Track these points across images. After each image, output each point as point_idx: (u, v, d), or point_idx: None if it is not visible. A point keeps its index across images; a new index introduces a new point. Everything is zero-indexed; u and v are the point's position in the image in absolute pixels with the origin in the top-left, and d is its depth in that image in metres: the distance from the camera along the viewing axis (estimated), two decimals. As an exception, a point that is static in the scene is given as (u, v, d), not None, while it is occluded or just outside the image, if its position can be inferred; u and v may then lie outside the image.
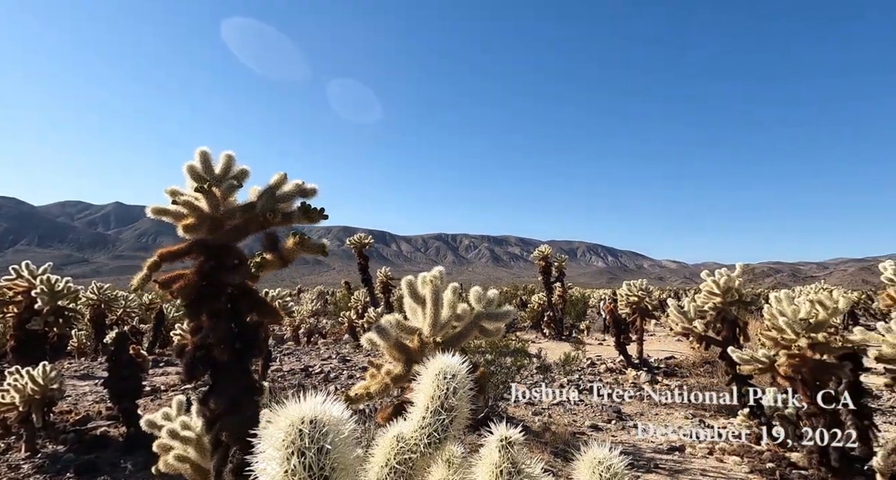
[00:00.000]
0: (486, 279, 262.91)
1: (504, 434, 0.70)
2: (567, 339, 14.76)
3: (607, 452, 0.75)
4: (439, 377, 0.73)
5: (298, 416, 0.54)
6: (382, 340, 2.27)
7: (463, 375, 0.74)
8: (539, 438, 5.71)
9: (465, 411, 0.73)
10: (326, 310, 25.30)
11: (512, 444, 0.69)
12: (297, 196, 2.19)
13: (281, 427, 0.54)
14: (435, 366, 0.75)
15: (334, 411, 0.56)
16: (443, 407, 0.71)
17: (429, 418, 0.71)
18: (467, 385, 0.74)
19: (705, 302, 6.34)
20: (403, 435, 0.71)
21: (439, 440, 0.69)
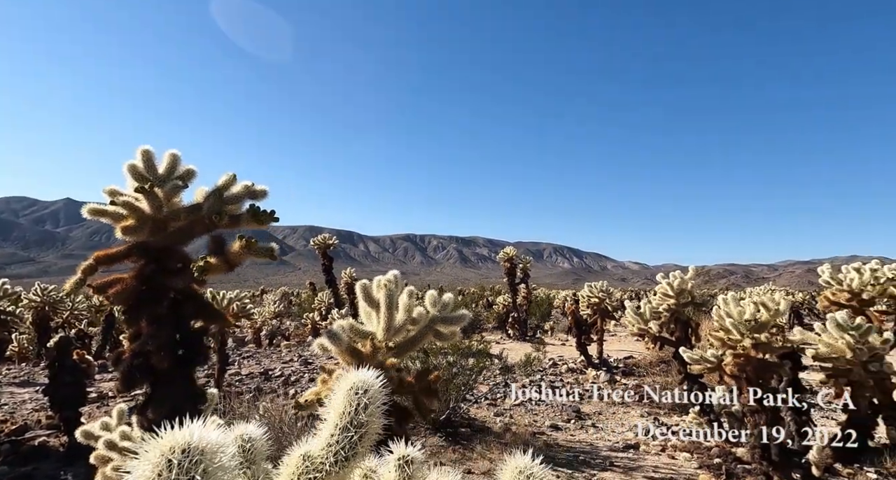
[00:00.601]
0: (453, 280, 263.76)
1: (403, 453, 0.69)
2: (531, 340, 14.96)
3: (528, 460, 0.76)
4: (351, 392, 0.72)
5: (169, 445, 0.51)
6: (334, 345, 2.23)
7: (376, 390, 0.73)
8: (500, 439, 5.76)
9: (375, 427, 0.72)
10: (290, 312, 24.78)
11: (411, 462, 0.68)
12: (245, 198, 2.13)
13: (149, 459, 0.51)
14: (347, 381, 0.74)
15: (212, 437, 0.53)
16: (352, 424, 0.69)
17: (337, 435, 0.69)
18: (380, 400, 0.73)
19: (660, 303, 6.54)
20: (310, 454, 0.69)
21: (347, 458, 0.67)
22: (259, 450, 0.70)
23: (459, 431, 6.01)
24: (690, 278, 6.61)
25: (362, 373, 0.74)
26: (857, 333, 4.11)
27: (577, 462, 5.14)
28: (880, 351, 4.13)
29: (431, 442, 5.66)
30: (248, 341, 15.08)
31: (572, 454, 5.37)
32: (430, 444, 5.61)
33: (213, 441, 0.51)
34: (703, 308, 6.74)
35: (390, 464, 0.69)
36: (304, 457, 0.68)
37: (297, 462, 0.68)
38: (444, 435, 5.85)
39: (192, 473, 0.49)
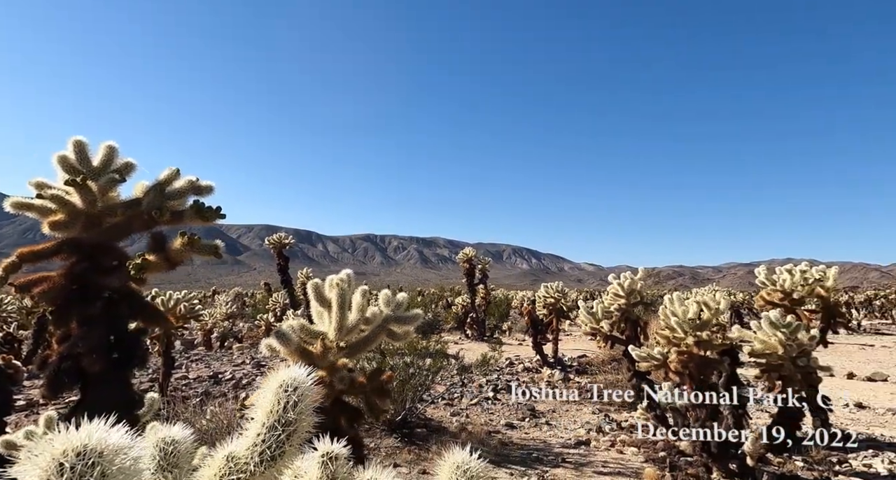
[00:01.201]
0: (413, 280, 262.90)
1: (327, 450, 0.68)
2: (489, 340, 15.12)
3: (467, 455, 0.76)
4: (280, 390, 0.70)
5: (63, 447, 0.47)
6: (283, 346, 2.17)
7: (306, 387, 0.71)
8: (456, 438, 5.78)
9: (305, 425, 0.71)
10: (244, 313, 23.98)
11: (335, 459, 0.67)
12: (189, 193, 2.04)
13: (38, 463, 0.47)
14: (277, 379, 0.72)
15: (112, 438, 0.50)
16: (280, 423, 0.67)
17: (264, 434, 0.67)
18: (311, 397, 0.72)
19: (611, 303, 6.76)
20: (235, 455, 0.67)
21: (273, 458, 0.65)
22: (183, 453, 0.67)
23: (416, 431, 5.99)
24: (640, 279, 6.88)
25: (293, 370, 0.72)
26: (787, 330, 4.39)
27: (530, 459, 5.23)
28: (808, 347, 4.43)
29: (387, 443, 5.62)
30: (198, 343, 14.46)
31: (526, 451, 5.46)
32: (386, 445, 5.57)
33: (114, 442, 0.48)
34: (651, 307, 7.02)
35: (314, 461, 0.67)
36: (229, 458, 0.65)
37: (220, 463, 0.65)
38: (400, 436, 5.81)
39: (86, 477, 0.45)
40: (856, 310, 23.19)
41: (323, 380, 2.26)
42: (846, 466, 4.77)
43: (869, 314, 26.41)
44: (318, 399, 0.72)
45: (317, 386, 2.09)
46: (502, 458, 5.25)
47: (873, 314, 27.11)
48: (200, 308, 7.46)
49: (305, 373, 0.73)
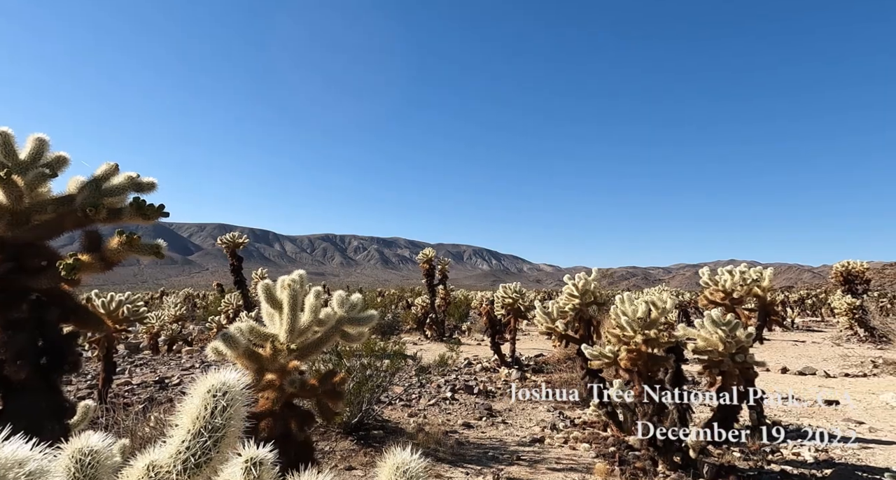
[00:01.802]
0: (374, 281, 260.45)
1: (252, 455, 0.67)
2: (448, 340, 15.18)
3: (407, 456, 0.77)
4: (208, 395, 0.68)
5: None
6: (230, 349, 2.10)
7: (237, 391, 0.69)
8: (413, 439, 5.77)
9: (234, 430, 0.69)
10: (194, 315, 23.06)
11: (259, 464, 0.66)
12: (129, 190, 1.93)
13: None
14: (205, 383, 0.70)
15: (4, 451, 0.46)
16: (206, 428, 0.65)
17: (189, 441, 0.65)
18: (241, 401, 0.70)
19: (566, 303, 6.92)
20: (156, 463, 0.64)
21: (198, 465, 0.63)
22: (103, 464, 0.63)
23: (372, 433, 5.94)
24: (593, 279, 7.08)
25: (222, 374, 0.70)
26: (727, 328, 4.65)
27: (486, 458, 5.29)
28: (745, 343, 4.70)
29: (343, 446, 5.53)
30: (144, 347, 13.77)
31: (482, 450, 5.51)
32: (342, 448, 5.48)
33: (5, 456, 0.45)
34: (604, 307, 7.23)
35: (237, 467, 0.65)
36: (150, 467, 0.63)
37: (139, 473, 0.62)
38: (357, 438, 5.74)
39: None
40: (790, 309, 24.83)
41: (273, 384, 2.20)
42: (778, 455, 5.09)
43: (802, 312, 28.31)
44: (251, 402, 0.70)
45: (266, 389, 2.03)
46: (458, 458, 5.28)
47: (805, 312, 29.09)
48: (146, 310, 7.09)
49: (237, 377, 0.70)
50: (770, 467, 4.78)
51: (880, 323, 13.35)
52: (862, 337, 15.44)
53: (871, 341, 14.76)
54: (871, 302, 15.61)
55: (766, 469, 4.71)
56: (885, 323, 12.71)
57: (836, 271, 16.82)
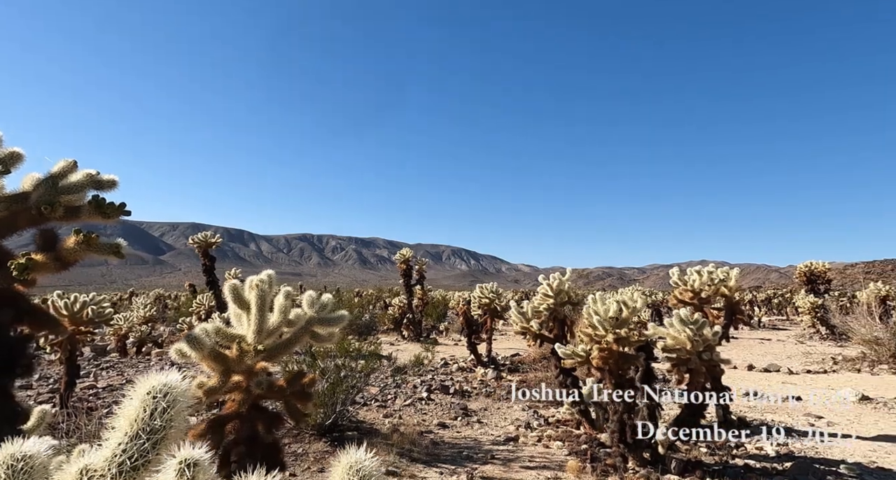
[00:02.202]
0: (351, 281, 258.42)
1: (186, 456, 0.66)
2: (425, 341, 15.17)
3: (361, 455, 0.76)
4: (148, 396, 0.67)
5: None
6: (195, 350, 2.05)
7: (179, 392, 0.68)
8: (387, 440, 5.74)
9: (175, 432, 0.67)
10: (165, 316, 22.49)
11: (194, 465, 0.65)
12: (88, 188, 1.87)
13: None
14: (146, 384, 0.68)
15: None
16: (144, 431, 0.64)
17: (125, 444, 0.63)
18: (183, 402, 0.69)
19: (541, 303, 7.00)
20: (91, 467, 0.62)
21: (134, 467, 0.62)
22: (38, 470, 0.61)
23: (346, 435, 5.89)
24: (567, 279, 7.18)
25: (164, 375, 0.68)
26: (695, 327, 4.77)
27: (460, 457, 5.30)
28: (712, 342, 4.83)
29: (316, 448, 5.47)
30: (111, 350, 13.36)
31: (457, 450, 5.53)
32: (315, 450, 5.42)
33: None
34: (578, 307, 7.34)
35: (170, 468, 0.64)
36: (83, 471, 0.61)
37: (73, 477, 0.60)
38: (330, 440, 5.69)
39: None
40: (758, 308, 25.63)
41: (239, 385, 2.16)
42: (742, 450, 5.26)
43: (768, 311, 29.27)
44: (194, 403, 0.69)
45: (232, 391, 2.00)
46: (433, 458, 5.28)
47: (772, 311, 30.08)
48: (112, 311, 6.88)
49: (179, 377, 0.69)
50: (734, 461, 4.93)
51: (840, 322, 13.90)
52: (823, 335, 16.07)
53: (832, 339, 15.37)
54: (832, 302, 16.26)
55: (730, 464, 4.85)
56: (844, 322, 13.24)
57: (800, 271, 17.47)
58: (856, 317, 12.35)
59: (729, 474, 4.52)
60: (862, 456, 5.01)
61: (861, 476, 4.47)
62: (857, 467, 4.69)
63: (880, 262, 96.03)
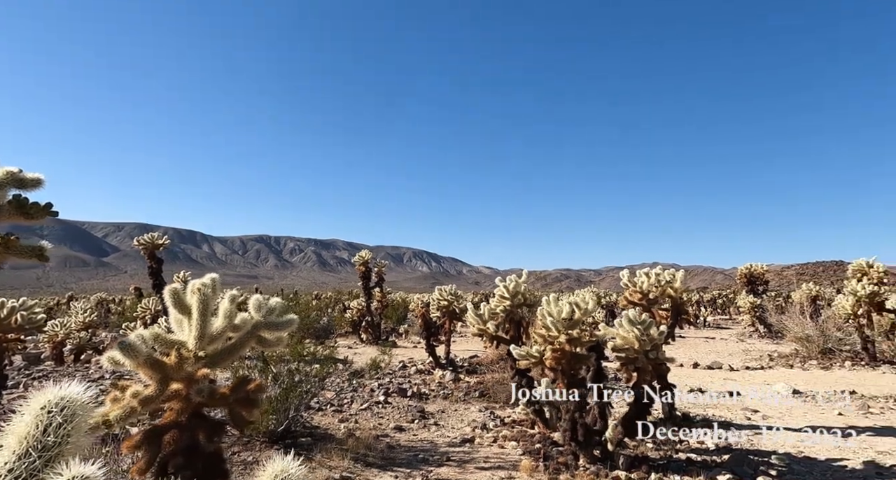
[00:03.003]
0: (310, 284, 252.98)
1: (76, 473, 0.63)
2: (384, 344, 15.05)
3: (287, 463, 0.75)
4: (42, 411, 0.63)
5: None
6: (129, 358, 1.95)
7: (78, 406, 0.65)
8: (342, 445, 5.65)
9: (72, 447, 0.64)
10: (108, 322, 21.29)
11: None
12: (9, 186, 1.75)
13: None
14: (40, 398, 0.65)
15: None
16: (35, 448, 0.61)
17: (13, 463, 0.60)
18: (82, 416, 0.66)
19: (497, 305, 7.09)
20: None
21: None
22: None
23: (299, 441, 5.75)
24: (524, 281, 7.31)
25: (61, 388, 0.65)
26: (642, 327, 4.96)
27: (416, 460, 5.29)
28: (658, 341, 5.04)
29: (266, 456, 5.31)
30: (46, 358, 12.50)
31: (413, 453, 5.51)
32: (266, 458, 5.26)
33: None
34: (534, 308, 7.48)
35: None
36: (-35, 494, 0.57)
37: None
38: (283, 447, 5.54)
39: None
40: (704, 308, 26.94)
41: (178, 393, 2.07)
42: (685, 444, 5.51)
43: (713, 311, 30.82)
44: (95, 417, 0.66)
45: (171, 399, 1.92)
46: (388, 462, 5.24)
47: (717, 311, 31.71)
48: (44, 317, 6.44)
49: (80, 390, 0.66)
50: (678, 455, 5.15)
51: (776, 321, 14.83)
52: (762, 333, 17.08)
53: (769, 337, 16.37)
54: (769, 302, 17.32)
55: (674, 458, 5.07)
56: (779, 321, 14.14)
57: (741, 273, 18.51)
58: (789, 316, 13.22)
59: (672, 468, 4.72)
60: (791, 447, 5.36)
61: (790, 466, 4.78)
62: (786, 457, 5.01)
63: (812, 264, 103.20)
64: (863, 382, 8.97)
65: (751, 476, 4.44)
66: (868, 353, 10.75)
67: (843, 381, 9.11)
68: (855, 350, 11.14)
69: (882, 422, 6.38)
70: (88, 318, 14.05)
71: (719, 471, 4.54)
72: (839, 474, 4.64)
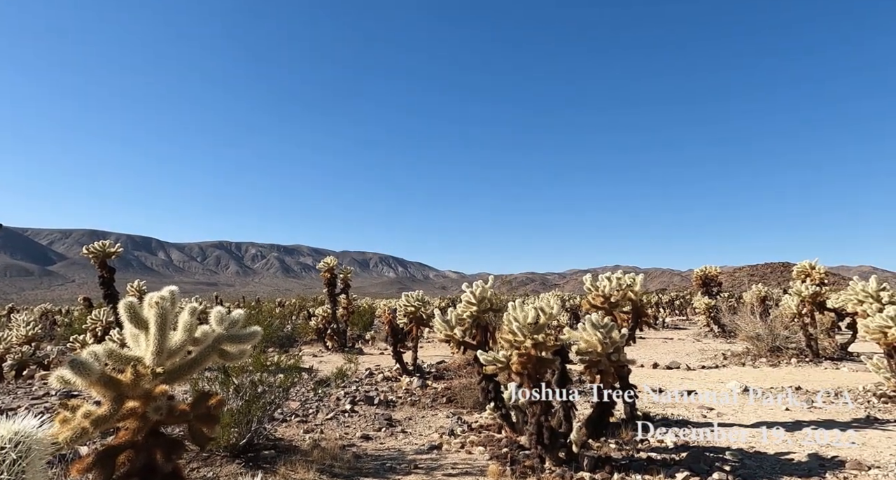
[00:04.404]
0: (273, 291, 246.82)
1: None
2: (349, 351, 14.85)
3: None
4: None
5: None
6: (80, 377, 1.85)
7: (34, 440, 0.63)
8: (307, 457, 5.53)
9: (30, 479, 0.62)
10: (53, 334, 20.09)
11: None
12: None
13: None
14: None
15: None
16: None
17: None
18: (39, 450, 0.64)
19: (464, 310, 7.13)
20: None
21: None
22: None
23: (262, 454, 5.59)
24: (490, 286, 7.38)
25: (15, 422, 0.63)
26: (604, 330, 5.10)
27: (383, 469, 5.24)
28: (619, 343, 5.19)
29: (228, 471, 5.14)
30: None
31: (380, 462, 5.46)
32: (227, 473, 5.09)
33: None
34: (500, 313, 7.56)
35: None
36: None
37: None
38: (245, 461, 5.37)
39: None
40: (662, 309, 27.91)
41: (135, 412, 1.98)
42: (646, 443, 5.69)
43: (671, 312, 31.97)
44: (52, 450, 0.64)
45: (126, 419, 1.85)
46: (355, 472, 5.17)
47: (675, 312, 32.89)
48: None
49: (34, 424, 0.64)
50: (639, 455, 5.31)
51: (729, 321, 15.53)
52: (716, 333, 17.85)
53: (723, 336, 17.13)
54: (723, 302, 18.13)
55: (636, 457, 5.23)
56: (732, 321, 14.81)
57: (696, 275, 19.31)
58: (741, 316, 13.87)
59: (634, 467, 4.87)
60: (744, 443, 5.62)
61: (742, 461, 5.02)
62: (739, 453, 5.25)
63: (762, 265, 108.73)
64: (807, 378, 9.52)
65: (706, 473, 4.63)
66: (812, 350, 11.41)
67: (789, 377, 9.63)
68: (800, 347, 11.80)
69: (824, 416, 6.79)
70: (32, 331, 13.22)
71: (677, 469, 4.71)
72: (787, 467, 4.90)
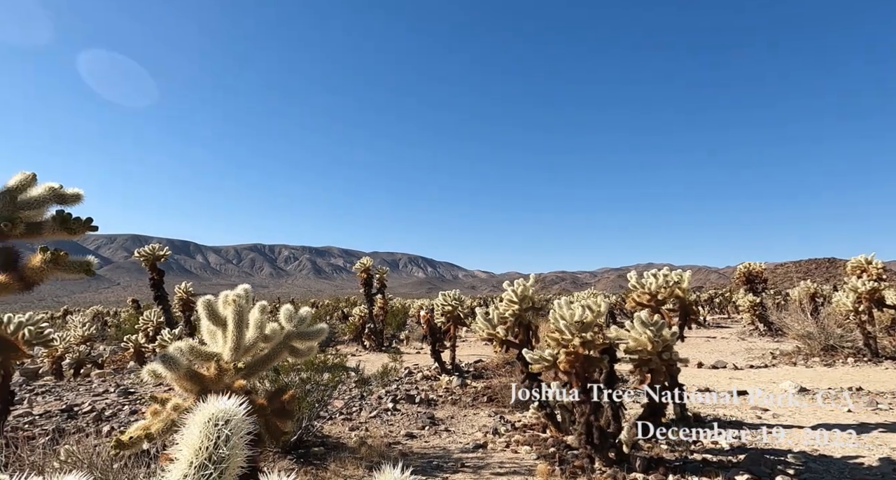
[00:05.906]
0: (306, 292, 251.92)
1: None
2: (387, 350, 15.01)
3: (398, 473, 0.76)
4: (209, 424, 0.64)
5: None
6: (170, 371, 1.94)
7: (239, 420, 0.66)
8: (354, 454, 5.63)
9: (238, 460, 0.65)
10: (105, 335, 21.10)
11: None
12: (51, 202, 1.74)
13: None
14: (205, 412, 0.66)
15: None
16: (210, 460, 0.62)
17: (192, 475, 0.61)
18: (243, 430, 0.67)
19: (506, 309, 7.10)
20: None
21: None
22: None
23: (312, 451, 5.72)
24: (531, 285, 7.33)
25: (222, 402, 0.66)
26: (654, 328, 4.99)
27: (430, 467, 5.27)
28: (670, 342, 5.07)
29: (281, 466, 5.28)
30: (45, 373, 12.37)
31: (426, 460, 5.49)
32: (280, 468, 5.22)
33: None
34: (541, 312, 7.50)
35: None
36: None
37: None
38: (296, 457, 5.51)
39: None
40: (702, 307, 27.07)
41: (216, 406, 2.07)
42: (699, 445, 5.52)
43: (711, 310, 30.95)
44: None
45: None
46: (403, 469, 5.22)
47: (714, 310, 31.85)
48: (51, 331, 6.39)
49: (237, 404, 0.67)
50: (693, 456, 5.17)
51: (776, 319, 14.92)
52: (762, 331, 17.17)
53: (770, 335, 16.46)
54: (769, 300, 17.43)
55: (689, 459, 5.08)
56: (780, 318, 14.22)
57: (740, 272, 18.61)
58: (790, 314, 13.30)
59: (689, 469, 4.73)
60: (806, 445, 5.38)
61: (806, 464, 4.81)
62: (802, 455, 5.04)
63: (805, 262, 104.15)
64: (867, 378, 9.04)
65: (768, 476, 4.46)
66: (870, 349, 10.84)
67: (847, 378, 9.17)
68: (857, 346, 11.22)
69: (892, 418, 6.43)
70: (87, 332, 13.94)
71: (737, 471, 4.56)
72: (857, 472, 4.66)
